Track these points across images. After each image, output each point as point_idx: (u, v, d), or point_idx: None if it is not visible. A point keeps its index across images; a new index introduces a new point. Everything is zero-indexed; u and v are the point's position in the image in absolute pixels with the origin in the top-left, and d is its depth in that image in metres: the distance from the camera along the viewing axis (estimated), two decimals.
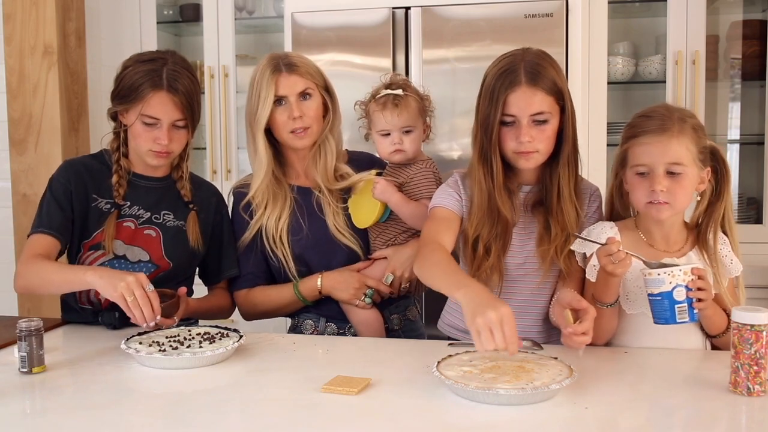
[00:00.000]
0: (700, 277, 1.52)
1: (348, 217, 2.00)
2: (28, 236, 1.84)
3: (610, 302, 1.61)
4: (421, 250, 1.68)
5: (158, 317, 1.65)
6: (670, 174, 1.59)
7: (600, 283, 1.61)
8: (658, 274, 1.50)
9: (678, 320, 1.51)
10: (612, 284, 1.59)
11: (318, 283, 1.95)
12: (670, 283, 1.50)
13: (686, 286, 1.50)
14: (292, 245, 1.97)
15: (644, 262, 1.56)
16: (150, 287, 1.64)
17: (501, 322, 1.34)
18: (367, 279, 1.94)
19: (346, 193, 2.01)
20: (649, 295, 1.53)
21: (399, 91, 1.92)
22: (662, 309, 1.52)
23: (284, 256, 1.97)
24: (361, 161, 2.07)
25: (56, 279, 1.74)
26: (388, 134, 1.93)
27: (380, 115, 1.92)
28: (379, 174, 1.99)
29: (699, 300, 1.51)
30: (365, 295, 1.93)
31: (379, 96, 1.94)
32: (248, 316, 2.06)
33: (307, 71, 1.94)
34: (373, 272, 1.96)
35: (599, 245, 1.55)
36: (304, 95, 1.92)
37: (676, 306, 1.50)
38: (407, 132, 1.93)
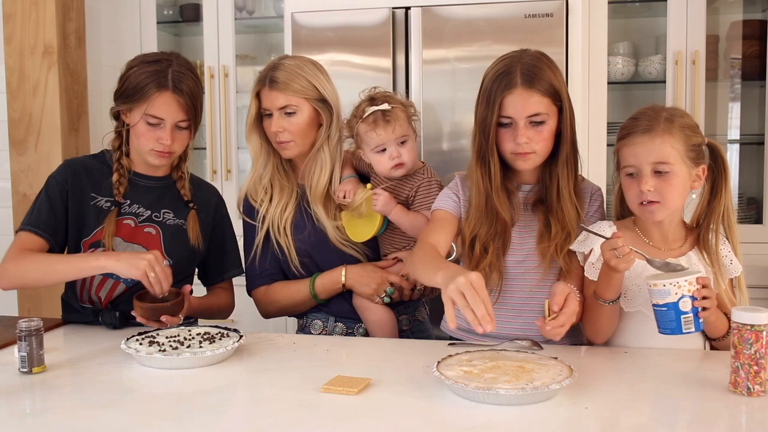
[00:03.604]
0: (704, 286, 1.51)
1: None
2: (17, 231, 1.85)
3: (611, 299, 1.61)
4: (415, 251, 1.73)
5: (169, 287, 1.73)
6: (658, 173, 1.59)
7: (602, 280, 1.61)
8: (664, 285, 1.49)
9: (684, 331, 1.50)
10: (614, 280, 1.59)
11: (342, 276, 1.95)
12: (676, 294, 1.48)
13: (692, 296, 1.49)
14: (295, 242, 1.98)
15: (647, 260, 1.56)
16: (166, 263, 1.75)
17: (471, 285, 1.37)
18: (389, 276, 1.95)
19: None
20: (655, 305, 1.52)
21: (386, 106, 1.90)
22: (668, 320, 1.50)
23: (287, 248, 1.98)
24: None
25: (62, 268, 1.75)
26: (384, 150, 1.92)
27: (373, 134, 1.90)
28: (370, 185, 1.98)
29: (704, 309, 1.51)
30: (385, 293, 1.93)
31: (366, 115, 1.91)
32: (268, 313, 2.07)
33: (292, 87, 1.91)
34: (394, 272, 1.97)
35: (604, 239, 1.56)
36: (286, 111, 1.92)
37: (682, 316, 1.49)
38: (403, 143, 1.92)
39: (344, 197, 1.95)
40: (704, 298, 1.50)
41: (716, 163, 1.67)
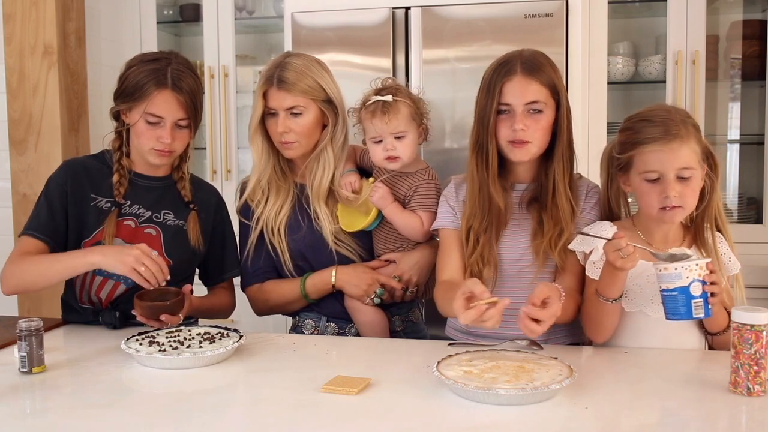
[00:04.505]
0: (712, 272, 1.50)
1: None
2: (20, 236, 1.85)
3: (615, 297, 1.61)
4: (436, 293, 1.78)
5: (168, 277, 1.69)
6: (681, 179, 1.59)
7: (606, 279, 1.61)
8: (675, 269, 1.47)
9: (694, 315, 1.47)
10: (619, 279, 1.58)
11: (332, 276, 1.95)
12: (687, 277, 1.46)
13: (702, 281, 1.47)
14: (290, 243, 1.98)
15: (653, 253, 1.55)
16: (154, 253, 1.69)
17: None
18: (379, 277, 1.95)
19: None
20: (664, 290, 1.49)
21: (388, 97, 1.89)
22: (678, 305, 1.48)
23: (281, 249, 1.97)
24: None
25: (57, 267, 1.75)
26: (381, 141, 1.91)
27: (370, 123, 1.90)
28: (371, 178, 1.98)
29: (712, 295, 1.49)
30: (375, 294, 1.93)
31: (368, 103, 1.91)
32: (260, 311, 2.07)
33: (300, 88, 1.90)
34: (386, 273, 1.97)
35: (605, 240, 1.55)
36: (293, 112, 1.92)
37: (692, 301, 1.46)
38: (399, 138, 1.90)
39: (351, 190, 1.95)
40: (713, 283, 1.49)
41: (710, 161, 1.67)
